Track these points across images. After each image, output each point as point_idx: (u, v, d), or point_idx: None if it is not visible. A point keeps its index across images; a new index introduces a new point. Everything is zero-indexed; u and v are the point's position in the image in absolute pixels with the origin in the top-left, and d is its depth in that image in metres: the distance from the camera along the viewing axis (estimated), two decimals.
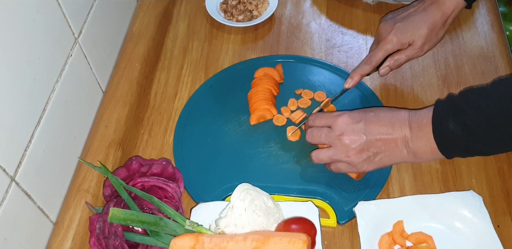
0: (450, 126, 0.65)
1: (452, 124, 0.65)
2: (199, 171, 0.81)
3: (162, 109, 0.90)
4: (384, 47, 0.82)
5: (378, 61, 0.84)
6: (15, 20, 0.62)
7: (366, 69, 0.84)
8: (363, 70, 0.84)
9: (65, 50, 0.77)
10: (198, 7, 1.06)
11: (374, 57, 0.83)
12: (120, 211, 0.67)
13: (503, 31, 1.00)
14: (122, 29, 1.01)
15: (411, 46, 0.82)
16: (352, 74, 0.85)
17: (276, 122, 0.86)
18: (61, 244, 0.75)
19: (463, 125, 0.64)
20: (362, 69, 0.84)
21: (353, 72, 0.85)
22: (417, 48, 0.82)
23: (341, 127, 0.72)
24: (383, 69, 0.85)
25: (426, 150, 0.68)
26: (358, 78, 0.85)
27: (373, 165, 0.72)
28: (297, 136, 0.84)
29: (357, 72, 0.85)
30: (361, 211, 0.73)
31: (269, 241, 0.64)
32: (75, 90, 0.81)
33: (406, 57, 0.83)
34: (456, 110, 0.65)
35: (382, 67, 0.85)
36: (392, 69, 0.85)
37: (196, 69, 0.96)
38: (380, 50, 0.83)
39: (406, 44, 0.82)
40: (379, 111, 0.73)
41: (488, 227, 0.71)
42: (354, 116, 0.72)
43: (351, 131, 0.71)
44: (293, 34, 1.01)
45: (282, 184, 0.79)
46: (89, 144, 0.86)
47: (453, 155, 0.68)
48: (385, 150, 0.71)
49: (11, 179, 0.65)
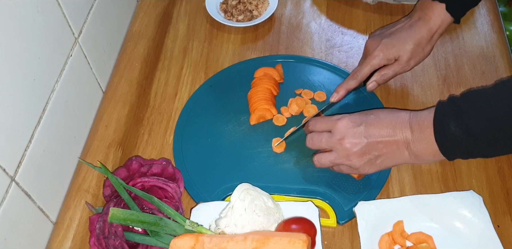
0: (452, 128, 0.64)
1: (453, 126, 0.64)
2: (199, 171, 0.81)
3: (162, 109, 0.90)
4: (370, 62, 0.83)
5: (364, 76, 0.85)
6: (15, 20, 0.62)
7: (352, 84, 0.85)
8: (348, 85, 0.85)
9: (65, 50, 0.77)
10: (198, 7, 1.06)
11: (360, 72, 0.84)
12: (120, 211, 0.67)
13: (503, 31, 1.00)
14: (122, 29, 1.01)
15: (397, 62, 0.83)
16: (338, 88, 0.86)
17: (276, 122, 0.86)
18: (61, 244, 0.75)
19: (464, 127, 0.64)
20: (348, 84, 0.85)
21: (339, 87, 0.86)
22: (403, 63, 0.83)
23: (342, 131, 0.72)
24: (370, 84, 0.85)
25: (427, 152, 0.68)
26: (344, 93, 0.85)
27: (375, 167, 0.72)
28: (282, 147, 0.83)
29: (343, 87, 0.85)
30: (361, 211, 0.73)
31: (269, 241, 0.64)
32: (75, 90, 0.81)
33: (392, 72, 0.84)
34: (458, 112, 0.65)
35: (370, 82, 0.85)
36: (379, 84, 0.86)
37: (196, 69, 0.96)
38: (367, 65, 0.84)
39: (392, 60, 0.83)
40: (379, 113, 0.73)
41: (488, 227, 0.71)
42: (354, 120, 0.72)
43: (352, 135, 0.71)
44: (293, 34, 1.01)
45: (282, 184, 0.79)
46: (89, 144, 0.86)
47: (454, 157, 0.68)
48: (386, 152, 0.70)
49: (11, 179, 0.65)
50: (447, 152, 0.67)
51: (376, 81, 0.85)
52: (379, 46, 0.82)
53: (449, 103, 0.67)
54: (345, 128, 0.71)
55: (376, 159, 0.71)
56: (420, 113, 0.69)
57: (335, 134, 0.72)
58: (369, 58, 0.83)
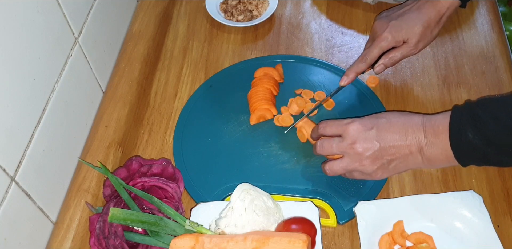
0: (469, 136, 0.63)
1: (471, 134, 0.63)
2: (199, 171, 0.81)
3: (162, 109, 0.90)
4: (379, 44, 0.83)
5: (373, 58, 0.84)
6: (15, 20, 0.62)
7: (361, 67, 0.84)
8: (358, 68, 0.84)
9: (65, 50, 0.77)
10: (198, 7, 1.06)
11: (369, 54, 0.84)
12: (120, 211, 0.67)
13: (503, 31, 1.00)
14: (122, 29, 1.01)
15: (406, 44, 0.82)
16: (348, 72, 0.85)
17: (276, 122, 0.86)
18: (61, 244, 0.75)
19: (483, 136, 0.63)
20: (357, 67, 0.84)
21: (348, 70, 0.85)
22: (412, 45, 0.82)
23: (353, 135, 0.70)
24: (378, 67, 0.85)
25: (441, 157, 0.67)
26: (354, 76, 0.85)
27: (387, 172, 0.71)
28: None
29: (352, 70, 0.85)
30: (361, 211, 0.73)
31: (269, 241, 0.64)
32: (75, 90, 0.81)
33: (401, 55, 0.84)
34: (476, 120, 0.64)
35: (377, 65, 0.85)
36: (387, 67, 0.85)
37: (196, 69, 0.96)
38: (375, 47, 0.83)
39: (400, 42, 0.82)
40: (390, 116, 0.71)
41: (488, 227, 0.71)
42: (366, 124, 0.70)
43: (364, 139, 0.69)
44: (293, 34, 1.01)
45: (282, 184, 0.79)
46: (89, 144, 0.86)
47: (469, 164, 0.67)
48: (399, 156, 0.69)
49: (11, 179, 0.65)
50: (462, 158, 0.66)
51: (384, 64, 0.84)
52: (387, 28, 0.82)
53: (466, 110, 0.66)
54: (356, 132, 0.70)
55: (389, 164, 0.70)
56: (434, 117, 0.68)
57: (346, 139, 0.71)
58: (377, 40, 0.83)
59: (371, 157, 0.69)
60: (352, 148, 0.70)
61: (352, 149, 0.70)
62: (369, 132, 0.70)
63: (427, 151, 0.67)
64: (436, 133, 0.67)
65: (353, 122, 0.71)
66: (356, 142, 0.70)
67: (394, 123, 0.70)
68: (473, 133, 0.63)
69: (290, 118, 0.86)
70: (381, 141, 0.69)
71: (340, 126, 0.72)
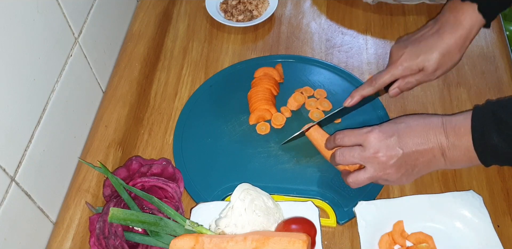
0: (494, 139, 0.63)
1: (496, 137, 0.62)
2: (199, 171, 0.81)
3: (162, 109, 0.90)
4: (391, 71, 0.79)
5: (382, 85, 0.80)
6: (15, 20, 0.62)
7: (368, 91, 0.81)
8: (364, 91, 0.81)
9: (65, 50, 0.77)
10: (198, 7, 1.06)
11: (379, 80, 0.80)
12: (120, 211, 0.67)
13: (503, 31, 1.00)
14: (122, 29, 1.01)
15: (422, 72, 0.78)
16: (353, 93, 0.82)
17: (273, 124, 0.86)
18: (61, 244, 0.75)
19: (508, 138, 0.62)
20: (364, 90, 0.81)
21: (355, 92, 0.82)
22: (428, 73, 0.78)
23: (375, 144, 0.68)
24: (393, 90, 0.81)
25: (464, 158, 0.66)
26: (359, 99, 0.81)
27: (412, 177, 0.70)
28: None
29: (358, 92, 0.81)
30: (361, 211, 0.73)
31: (269, 241, 0.64)
32: (75, 90, 0.81)
33: (416, 81, 0.79)
34: (499, 123, 0.63)
35: (392, 88, 0.80)
36: (402, 91, 0.81)
37: (196, 69, 0.96)
38: (387, 73, 0.79)
39: (416, 70, 0.78)
40: (409, 121, 0.70)
41: (488, 227, 0.71)
42: (386, 131, 0.69)
43: (386, 147, 0.68)
44: (293, 34, 1.01)
45: (282, 184, 0.79)
46: (89, 144, 0.86)
47: (492, 164, 0.67)
48: (423, 161, 0.68)
49: (11, 179, 0.65)
50: (487, 160, 0.66)
51: (400, 88, 0.80)
52: (402, 56, 0.78)
53: (487, 111, 0.65)
54: (378, 141, 0.69)
55: (413, 169, 0.69)
56: (454, 119, 0.67)
57: (368, 148, 0.69)
58: (391, 67, 0.79)
59: (395, 165, 0.68)
60: (375, 157, 0.69)
61: (376, 158, 0.69)
62: (391, 139, 0.68)
63: (449, 153, 0.67)
64: (458, 135, 0.66)
65: (373, 131, 0.70)
66: (379, 150, 0.68)
67: (414, 127, 0.69)
68: (498, 137, 0.62)
69: (282, 118, 0.85)
70: (404, 147, 0.68)
71: (360, 135, 0.71)
